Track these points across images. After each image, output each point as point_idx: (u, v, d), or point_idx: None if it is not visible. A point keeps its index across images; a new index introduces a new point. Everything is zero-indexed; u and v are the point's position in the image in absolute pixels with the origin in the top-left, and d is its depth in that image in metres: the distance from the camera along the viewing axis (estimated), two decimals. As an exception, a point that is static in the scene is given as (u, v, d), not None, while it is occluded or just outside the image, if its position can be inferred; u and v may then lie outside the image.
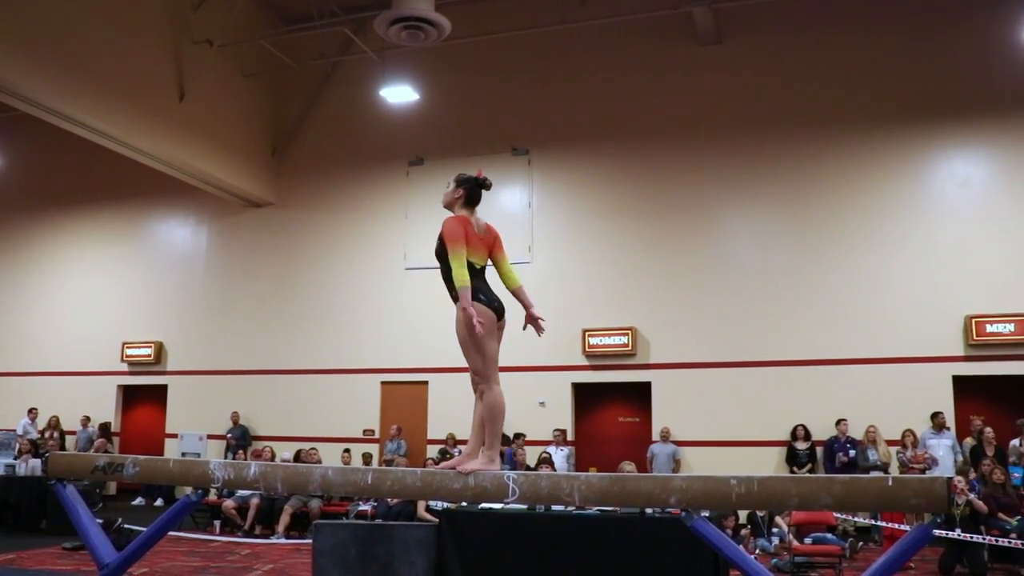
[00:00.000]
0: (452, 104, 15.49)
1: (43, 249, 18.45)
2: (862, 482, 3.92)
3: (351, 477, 4.63)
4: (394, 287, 15.12)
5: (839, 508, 5.02)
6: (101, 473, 5.24)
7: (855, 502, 3.98)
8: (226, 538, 11.30)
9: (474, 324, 4.53)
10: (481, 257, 4.95)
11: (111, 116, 12.84)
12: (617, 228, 14.26)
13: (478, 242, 4.92)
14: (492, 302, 4.82)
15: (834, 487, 3.84)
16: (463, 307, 4.60)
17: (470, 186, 5.06)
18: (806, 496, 3.90)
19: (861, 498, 3.92)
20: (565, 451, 13.37)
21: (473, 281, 4.75)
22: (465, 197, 5.06)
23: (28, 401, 16.88)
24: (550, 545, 7.49)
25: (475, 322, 4.54)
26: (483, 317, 4.66)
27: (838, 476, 3.95)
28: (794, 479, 4.06)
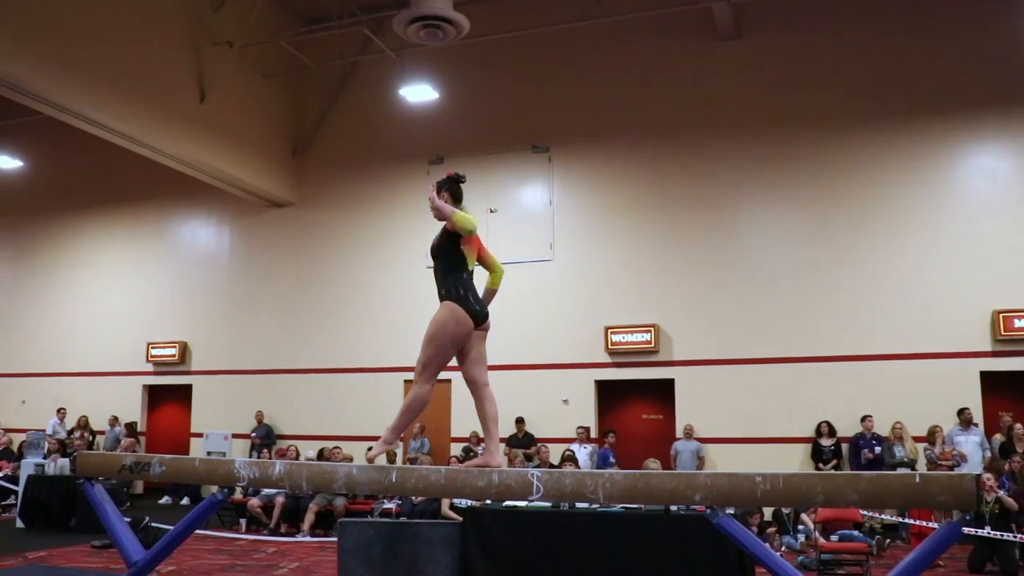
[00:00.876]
0: (472, 102, 15.50)
1: (68, 251, 18.65)
2: (889, 479, 3.89)
3: (376, 476, 4.64)
4: (415, 286, 15.11)
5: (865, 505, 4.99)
6: (128, 472, 5.29)
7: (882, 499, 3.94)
8: (252, 536, 11.37)
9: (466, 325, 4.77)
10: (472, 261, 5.00)
11: (133, 118, 12.94)
12: (639, 225, 14.23)
13: (474, 245, 5.01)
14: (476, 307, 4.86)
15: (860, 484, 3.81)
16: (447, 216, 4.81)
17: (449, 185, 5.15)
18: (832, 493, 3.87)
19: (888, 495, 3.88)
20: (588, 449, 13.36)
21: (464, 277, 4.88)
22: (452, 197, 5.13)
23: (57, 401, 17.10)
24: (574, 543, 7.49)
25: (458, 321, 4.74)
26: (463, 325, 4.77)
27: (864, 473, 3.92)
28: (820, 475, 4.03)
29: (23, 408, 18.08)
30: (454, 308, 4.76)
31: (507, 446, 13.56)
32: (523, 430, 13.91)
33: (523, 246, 14.65)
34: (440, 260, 4.92)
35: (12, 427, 17.23)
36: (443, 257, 4.89)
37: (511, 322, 14.54)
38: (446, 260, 4.86)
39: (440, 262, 4.91)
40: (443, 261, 4.89)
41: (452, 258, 4.86)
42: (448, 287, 4.82)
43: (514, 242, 14.71)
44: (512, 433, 13.93)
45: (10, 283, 19.19)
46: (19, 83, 11.41)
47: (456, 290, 4.79)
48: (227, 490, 5.11)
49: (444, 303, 4.81)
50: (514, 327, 14.51)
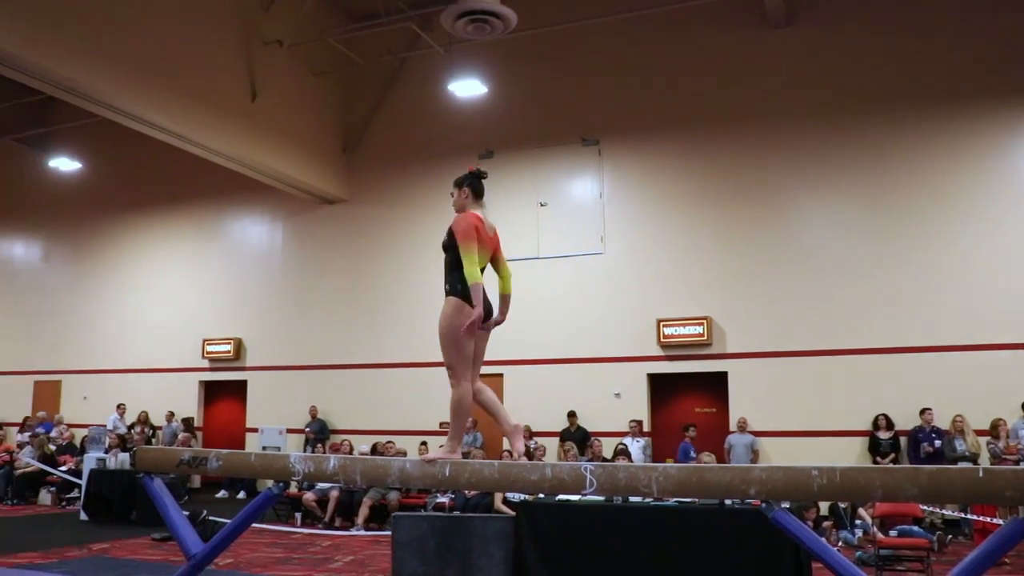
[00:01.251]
0: (520, 96, 15.48)
1: (125, 250, 19.02)
2: (951, 473, 3.80)
3: (429, 470, 4.65)
4: (467, 280, 15.16)
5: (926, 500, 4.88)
6: (186, 467, 5.36)
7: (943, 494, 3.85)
8: (307, 530, 11.49)
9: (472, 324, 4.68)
10: (484, 258, 4.95)
11: (187, 118, 13.14)
12: (690, 217, 14.10)
13: (487, 242, 4.94)
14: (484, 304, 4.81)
15: (920, 478, 3.73)
16: (473, 305, 4.67)
17: (471, 181, 5.05)
18: (891, 487, 3.79)
19: (950, 490, 3.79)
20: (641, 442, 13.29)
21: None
22: (471, 194, 5.03)
23: (117, 397, 17.45)
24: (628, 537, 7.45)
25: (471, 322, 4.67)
26: (465, 318, 4.73)
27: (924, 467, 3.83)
28: (878, 469, 3.95)
29: (85, 404, 18.49)
30: (456, 302, 4.76)
31: (560, 440, 13.54)
32: (575, 424, 13.88)
33: (573, 240, 14.62)
34: (448, 255, 4.91)
35: (75, 422, 17.65)
36: (450, 252, 4.88)
37: (563, 316, 14.55)
38: (454, 256, 4.84)
39: (448, 257, 4.91)
40: (451, 256, 4.88)
41: (456, 255, 4.82)
42: (453, 283, 4.82)
43: (564, 236, 14.69)
44: (564, 427, 13.91)
45: (70, 282, 19.62)
46: (77, 86, 11.65)
47: (459, 285, 4.77)
48: (282, 484, 5.15)
49: (448, 298, 4.82)
50: (566, 321, 14.51)
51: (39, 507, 13.85)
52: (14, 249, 20.93)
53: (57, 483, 14.21)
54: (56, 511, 13.45)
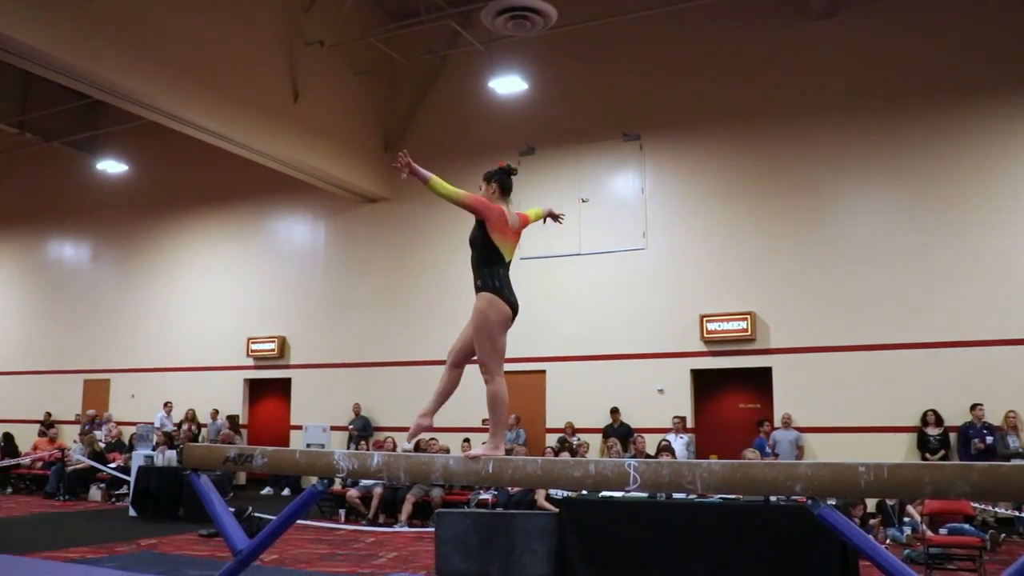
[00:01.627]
0: (561, 92, 15.45)
1: (171, 251, 19.28)
2: (1004, 469, 3.72)
3: (472, 466, 4.67)
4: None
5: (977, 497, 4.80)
6: (232, 464, 5.42)
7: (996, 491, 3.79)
8: (351, 526, 11.56)
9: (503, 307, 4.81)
10: (510, 251, 5.00)
11: (230, 119, 13.29)
12: (733, 211, 13.97)
13: (512, 235, 4.99)
14: (512, 300, 4.89)
15: (972, 474, 3.66)
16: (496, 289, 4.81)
17: (499, 177, 5.16)
18: (941, 484, 3.72)
19: (1003, 487, 3.71)
20: (685, 439, 13.22)
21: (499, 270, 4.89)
22: (499, 189, 5.15)
23: (163, 396, 17.72)
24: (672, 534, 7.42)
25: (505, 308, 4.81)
26: (503, 311, 4.80)
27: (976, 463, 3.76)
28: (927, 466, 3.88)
29: (133, 402, 18.80)
30: (491, 298, 4.81)
31: (603, 436, 13.51)
32: (618, 420, 13.84)
33: (616, 235, 14.56)
34: (475, 251, 4.96)
35: (123, 420, 17.93)
36: (477, 248, 4.94)
37: (605, 312, 14.51)
38: (480, 251, 4.91)
39: (475, 253, 4.96)
40: (477, 252, 4.94)
41: (483, 249, 4.88)
42: (484, 278, 4.87)
43: (607, 232, 14.63)
44: (608, 423, 13.87)
45: (118, 282, 19.94)
46: (123, 90, 11.85)
47: (491, 281, 4.83)
48: (327, 481, 5.19)
49: (480, 294, 4.86)
50: (608, 317, 14.46)
51: (90, 503, 14.10)
52: (64, 250, 21.33)
53: (107, 480, 14.47)
54: (106, 507, 13.69)
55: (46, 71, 11.39)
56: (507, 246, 4.94)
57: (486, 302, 4.81)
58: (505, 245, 4.92)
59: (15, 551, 8.61)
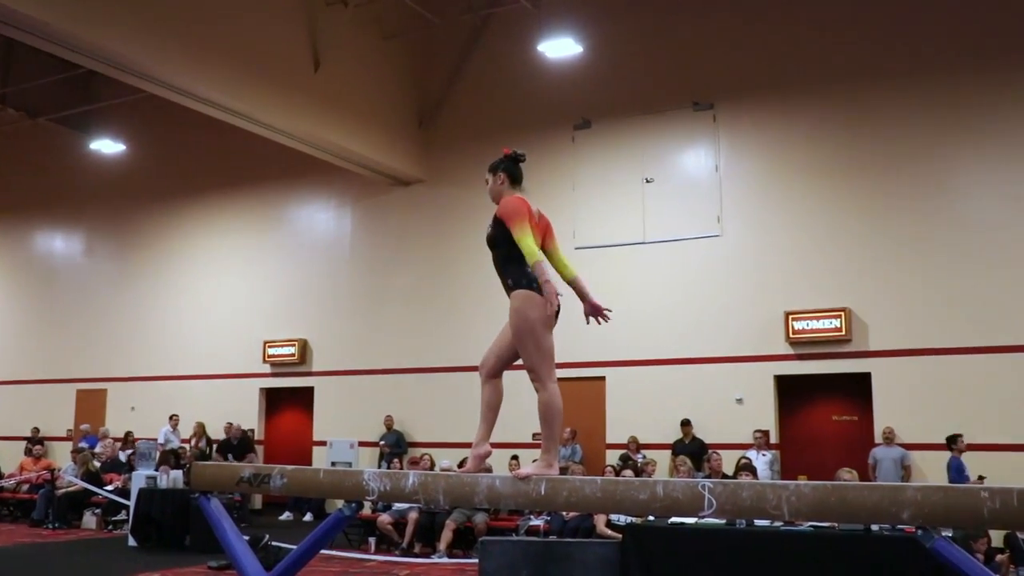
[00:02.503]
0: (621, 56, 15.39)
1: (176, 242, 19.55)
2: None
3: (522, 488, 4.67)
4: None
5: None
6: (247, 485, 5.47)
7: None
8: (382, 557, 11.63)
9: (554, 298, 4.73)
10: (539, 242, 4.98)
11: (241, 91, 13.42)
12: (824, 191, 13.82)
13: (536, 227, 4.99)
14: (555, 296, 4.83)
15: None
16: (542, 281, 4.71)
17: (507, 165, 5.19)
18: (1082, 512, 3.65)
19: None
20: (768, 456, 13.12)
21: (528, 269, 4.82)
22: (508, 179, 5.16)
23: (168, 407, 17.92)
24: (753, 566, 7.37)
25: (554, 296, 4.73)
26: (542, 307, 4.77)
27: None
28: (1064, 490, 3.80)
29: (133, 415, 19.05)
30: (525, 294, 4.82)
31: (671, 453, 13.46)
32: (690, 434, 13.78)
33: (686, 221, 14.49)
34: (497, 250, 5.00)
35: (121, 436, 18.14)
36: (500, 247, 4.96)
37: (673, 310, 14.45)
38: (505, 250, 4.92)
39: (498, 253, 5.00)
40: (501, 251, 4.97)
41: (509, 247, 4.88)
42: (515, 276, 4.89)
43: (675, 216, 14.57)
44: (678, 438, 13.82)
45: (114, 278, 20.26)
46: (118, 58, 12.01)
47: (522, 279, 4.85)
48: (355, 505, 5.22)
49: (514, 293, 4.89)
50: (677, 315, 14.40)
51: (83, 531, 14.29)
52: (53, 243, 21.73)
53: (103, 504, 14.67)
54: (102, 535, 13.87)
55: (31, 37, 11.52)
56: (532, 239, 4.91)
57: (522, 300, 4.84)
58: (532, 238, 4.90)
59: (1, 586, 8.78)
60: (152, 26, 12.08)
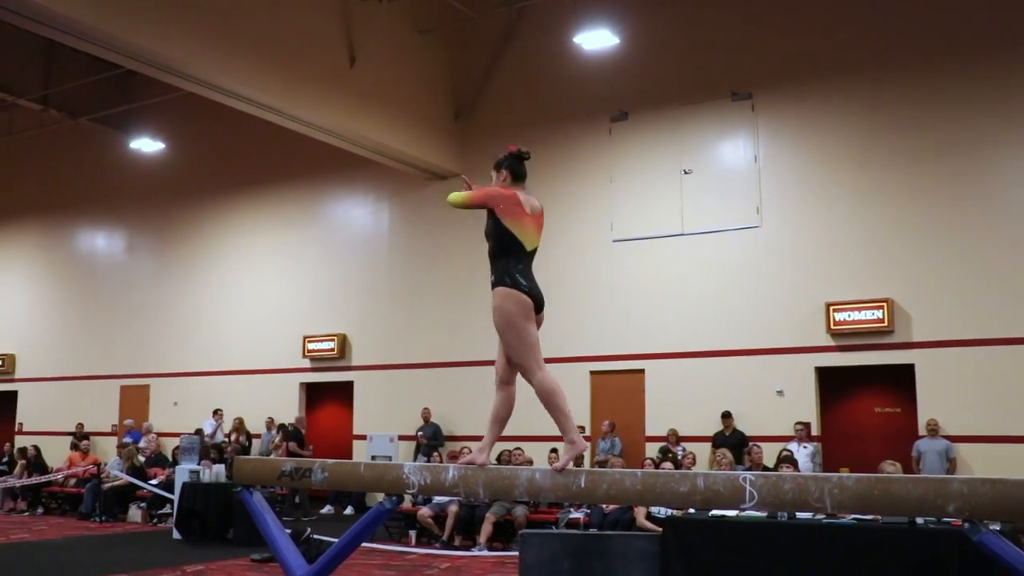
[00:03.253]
0: (658, 46, 15.32)
1: (215, 240, 19.73)
2: None
3: (562, 480, 4.66)
4: (601, 263, 15.15)
5: None
6: (288, 479, 5.50)
7: None
8: (423, 550, 11.68)
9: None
10: (531, 238, 5.09)
11: (278, 88, 13.49)
12: (866, 179, 13.67)
13: (531, 223, 5.07)
14: (532, 290, 4.97)
15: None
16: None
17: (510, 162, 5.25)
18: None
19: None
20: (809, 448, 13.03)
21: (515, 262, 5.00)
22: (511, 176, 5.23)
23: (209, 402, 18.13)
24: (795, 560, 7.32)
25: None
26: (524, 303, 4.90)
27: None
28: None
29: (176, 410, 19.27)
30: (505, 291, 4.91)
31: (712, 445, 13.40)
32: (731, 426, 13.71)
33: (724, 212, 14.40)
34: (489, 242, 5.08)
35: (164, 431, 18.41)
36: (491, 239, 5.05)
37: (713, 301, 14.37)
38: (494, 242, 5.02)
39: (489, 244, 5.08)
40: (491, 244, 5.06)
41: (499, 240, 4.99)
42: (497, 272, 4.99)
43: (714, 207, 14.48)
44: (717, 430, 13.75)
45: (156, 276, 20.48)
46: (156, 57, 12.12)
47: (503, 276, 4.94)
48: (396, 498, 5.23)
49: (494, 291, 4.98)
50: (716, 307, 14.32)
51: (129, 524, 14.49)
52: (96, 241, 22.00)
53: (148, 498, 14.86)
54: (147, 529, 14.07)
55: (71, 38, 11.70)
56: (527, 233, 5.03)
57: (500, 297, 4.93)
58: (524, 231, 5.01)
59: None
60: (189, 25, 12.18)
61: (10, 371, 22.56)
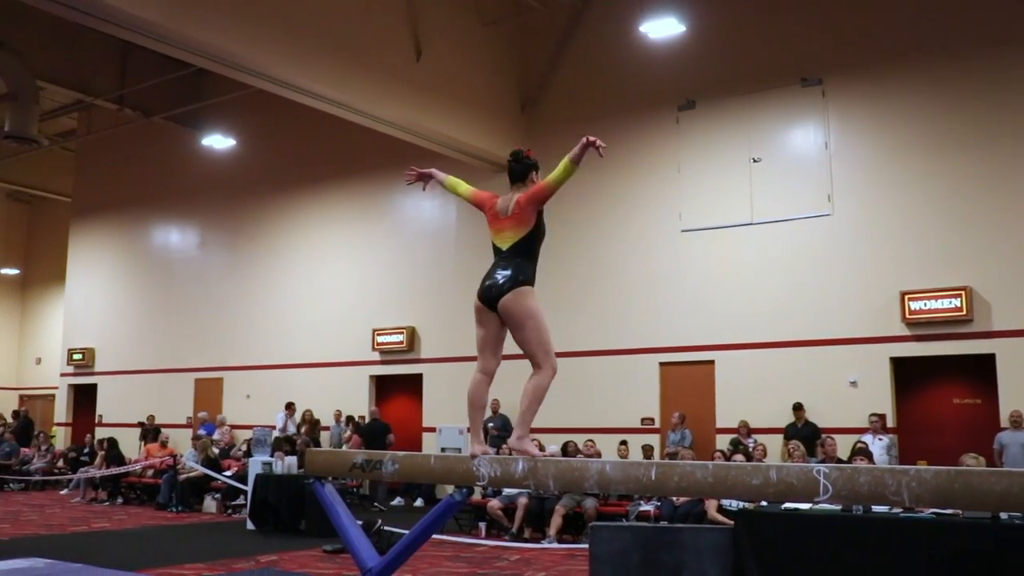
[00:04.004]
0: (725, 33, 15.15)
1: (285, 234, 19.97)
2: None
3: (632, 472, 4.61)
4: (669, 253, 15.05)
5: None
6: (359, 471, 5.55)
7: None
8: (492, 542, 11.71)
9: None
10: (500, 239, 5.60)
11: (346, 83, 13.60)
12: (942, 165, 13.38)
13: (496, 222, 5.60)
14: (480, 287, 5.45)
15: None
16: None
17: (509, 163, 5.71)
18: None
19: None
20: (885, 440, 12.82)
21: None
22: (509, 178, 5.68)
23: (280, 395, 18.39)
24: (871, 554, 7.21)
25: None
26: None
27: None
28: None
29: (248, 403, 19.58)
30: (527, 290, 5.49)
31: (784, 437, 13.26)
32: (803, 418, 13.54)
33: (795, 200, 14.21)
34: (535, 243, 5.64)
35: (237, 423, 18.70)
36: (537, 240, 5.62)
37: (783, 291, 14.20)
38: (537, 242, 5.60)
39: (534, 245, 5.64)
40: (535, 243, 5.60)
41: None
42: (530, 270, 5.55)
43: (783, 196, 14.31)
44: (790, 422, 13.59)
45: (228, 270, 20.81)
46: (226, 55, 12.28)
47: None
48: (466, 490, 5.25)
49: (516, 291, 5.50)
50: (787, 297, 14.16)
51: (204, 515, 14.77)
52: (170, 236, 22.40)
53: (222, 489, 15.11)
54: (221, 519, 14.31)
55: (145, 39, 11.91)
56: (494, 235, 5.55)
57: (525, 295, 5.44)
58: (493, 234, 5.56)
59: (128, 567, 9.08)
60: (259, 23, 12.33)
61: (90, 365, 23.10)
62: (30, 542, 11.21)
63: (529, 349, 5.18)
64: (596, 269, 15.78)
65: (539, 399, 5.36)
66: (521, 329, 5.27)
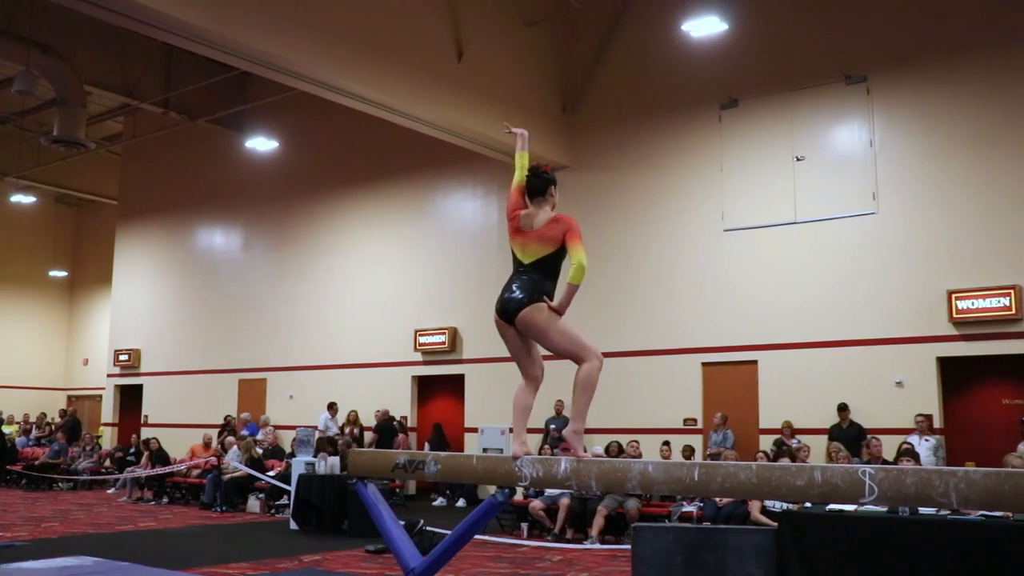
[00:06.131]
0: (768, 30, 15.06)
1: (327, 235, 20.11)
2: None
3: (675, 473, 4.60)
4: (712, 252, 14.98)
5: None
6: (402, 471, 5.57)
7: None
8: (534, 543, 11.71)
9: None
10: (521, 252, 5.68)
11: (388, 85, 13.68)
12: (989, 163, 13.20)
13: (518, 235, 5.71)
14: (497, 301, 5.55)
15: None
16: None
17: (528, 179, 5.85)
18: None
19: None
20: (931, 441, 12.68)
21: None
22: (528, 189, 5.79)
23: (323, 396, 18.52)
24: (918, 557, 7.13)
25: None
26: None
27: None
28: None
29: (291, 404, 19.74)
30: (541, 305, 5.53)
31: (828, 438, 13.15)
32: (847, 419, 13.42)
33: (839, 199, 14.09)
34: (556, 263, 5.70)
35: (280, 423, 18.85)
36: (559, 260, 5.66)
37: (828, 290, 14.10)
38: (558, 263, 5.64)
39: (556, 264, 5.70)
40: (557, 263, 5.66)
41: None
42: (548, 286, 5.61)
43: (828, 194, 14.19)
44: (833, 423, 13.48)
45: (271, 272, 20.98)
46: (270, 58, 12.41)
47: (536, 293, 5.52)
48: (508, 491, 5.25)
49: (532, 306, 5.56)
50: (832, 296, 14.05)
51: (248, 515, 14.89)
52: (214, 238, 22.63)
53: (266, 489, 15.23)
54: (265, 519, 14.42)
55: (189, 43, 12.08)
56: (516, 248, 5.67)
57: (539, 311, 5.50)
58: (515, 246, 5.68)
59: (174, 565, 9.18)
60: (301, 26, 12.43)
61: (136, 366, 23.41)
62: (79, 540, 11.36)
63: (564, 353, 5.21)
64: (638, 269, 15.73)
65: (590, 388, 5.41)
66: (546, 340, 5.39)
